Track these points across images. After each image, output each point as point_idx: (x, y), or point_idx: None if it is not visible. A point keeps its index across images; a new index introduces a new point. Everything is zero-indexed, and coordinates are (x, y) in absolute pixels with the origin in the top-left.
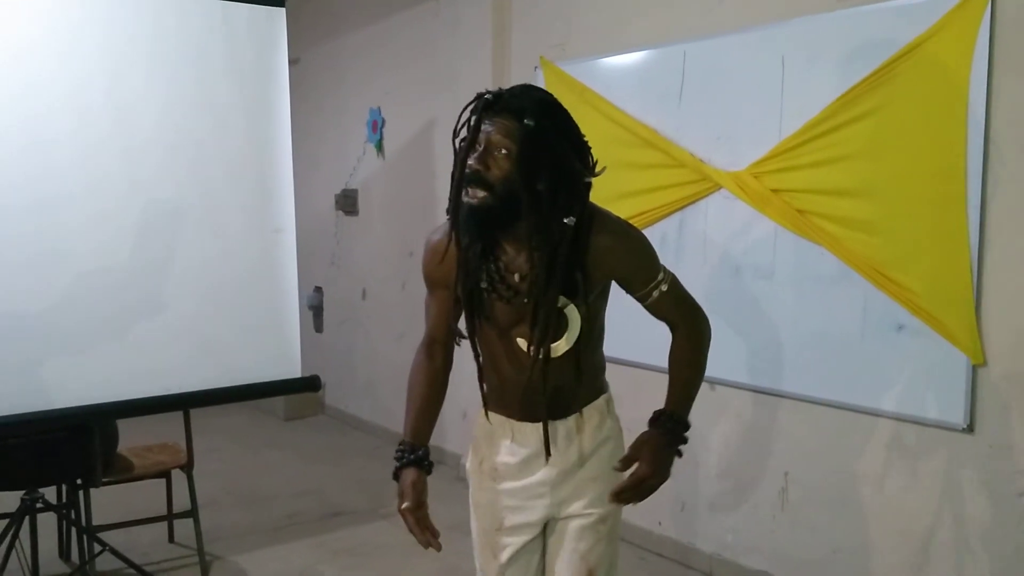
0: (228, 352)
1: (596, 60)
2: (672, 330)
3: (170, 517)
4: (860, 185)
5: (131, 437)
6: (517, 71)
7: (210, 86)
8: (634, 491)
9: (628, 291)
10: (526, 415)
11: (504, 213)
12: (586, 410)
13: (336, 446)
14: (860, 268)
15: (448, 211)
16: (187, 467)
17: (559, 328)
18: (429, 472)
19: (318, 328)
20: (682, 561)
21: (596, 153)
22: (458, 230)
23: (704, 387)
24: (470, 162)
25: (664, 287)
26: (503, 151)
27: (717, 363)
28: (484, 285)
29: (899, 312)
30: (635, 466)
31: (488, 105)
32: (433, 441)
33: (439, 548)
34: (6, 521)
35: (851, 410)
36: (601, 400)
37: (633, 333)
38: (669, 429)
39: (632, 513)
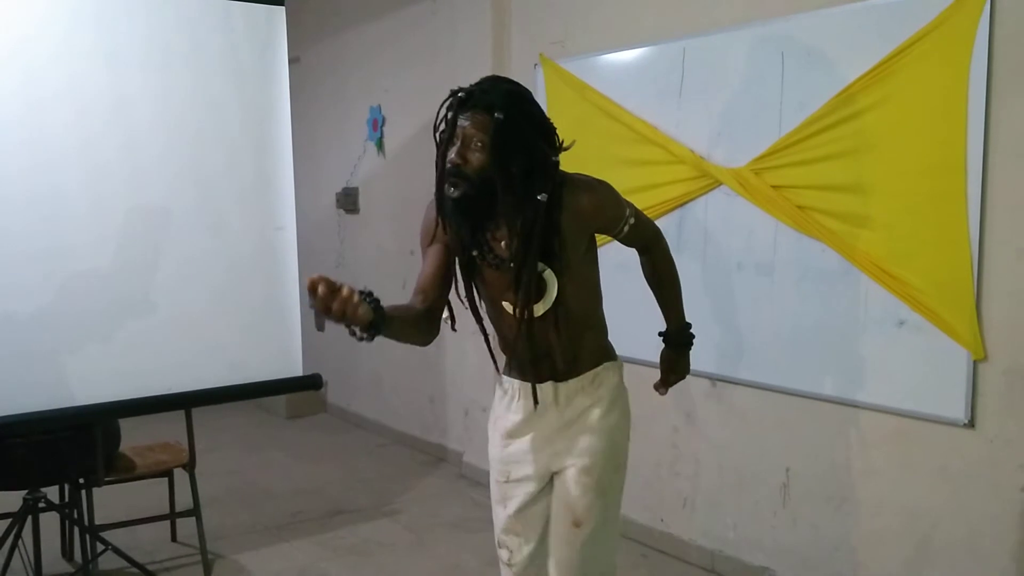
0: (230, 351)
1: (596, 57)
2: (641, 253)
3: (172, 516)
4: (860, 181)
5: (133, 436)
6: (517, 68)
7: (210, 85)
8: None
9: (604, 233)
10: (531, 375)
11: (484, 200)
12: (587, 374)
13: (338, 444)
14: (860, 264)
15: (435, 200)
16: (189, 466)
17: (539, 291)
18: (374, 314)
19: (319, 326)
20: (683, 558)
21: (596, 150)
22: (445, 219)
23: (705, 383)
24: (450, 156)
25: (632, 220)
26: (478, 143)
27: (718, 359)
28: (475, 254)
29: (900, 307)
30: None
31: (462, 102)
32: (436, 439)
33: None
34: (9, 521)
35: (852, 406)
36: (603, 367)
37: (633, 329)
38: (681, 343)
39: (634, 510)
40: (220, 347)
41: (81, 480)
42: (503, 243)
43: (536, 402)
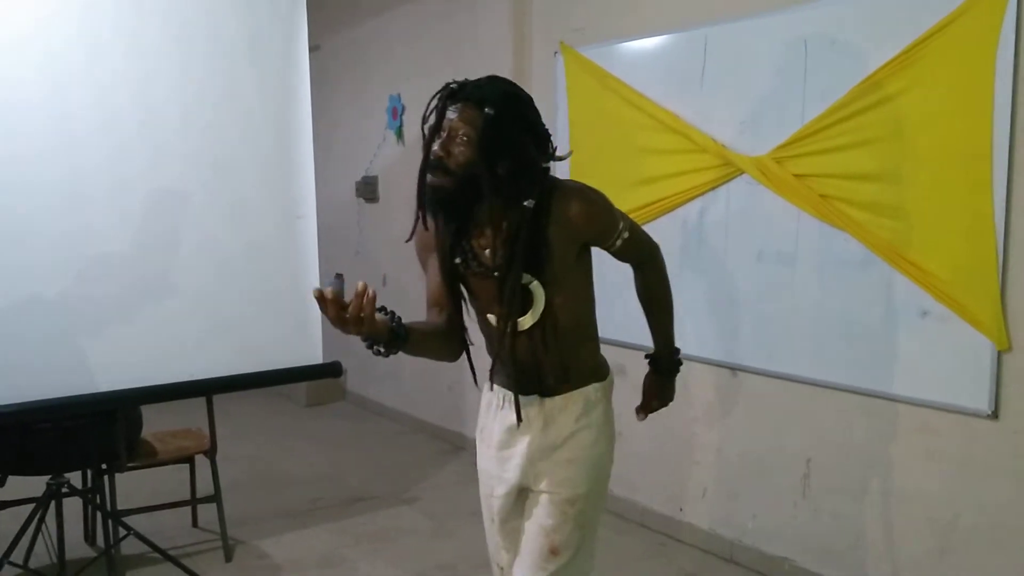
0: (250, 338)
1: (617, 44)
2: (634, 268)
3: (194, 502)
4: (884, 169)
5: (155, 423)
6: (537, 56)
7: (231, 71)
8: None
9: (596, 245)
10: (518, 386)
11: (465, 196)
12: (575, 393)
13: (357, 432)
14: (884, 253)
15: (417, 192)
16: (210, 452)
17: (524, 304)
18: (394, 325)
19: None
20: (703, 547)
21: (617, 139)
22: (424, 211)
23: (726, 373)
24: (434, 148)
25: (626, 234)
26: (464, 137)
27: (739, 349)
28: (458, 261)
29: (923, 298)
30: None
31: (452, 93)
32: (455, 427)
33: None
34: (32, 506)
35: (874, 396)
36: (592, 388)
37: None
38: (667, 368)
39: (653, 500)
40: (241, 334)
41: (104, 466)
42: (487, 251)
43: (520, 418)
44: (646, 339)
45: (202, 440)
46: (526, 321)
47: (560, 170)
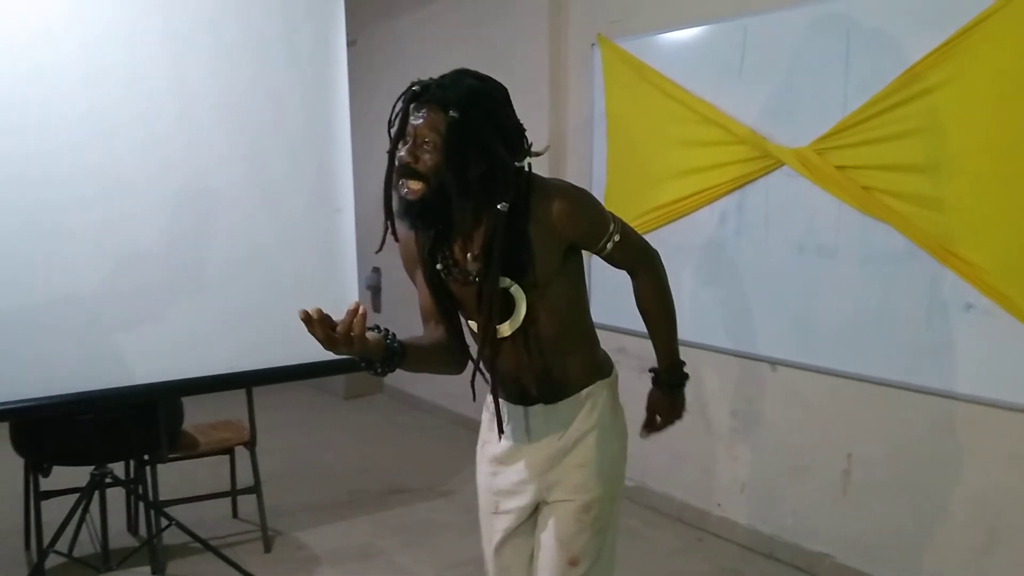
0: (290, 331)
1: (654, 36)
2: (631, 276)
3: (234, 493)
4: (928, 161)
5: (196, 414)
6: (574, 49)
7: (270, 68)
8: (656, 432)
9: (584, 249)
10: (517, 397)
11: (439, 202)
12: (576, 396)
13: (395, 425)
14: (927, 246)
15: (384, 201)
16: (250, 444)
17: (506, 310)
18: (389, 342)
19: (376, 308)
20: (741, 543)
21: (654, 131)
22: (392, 221)
23: (765, 367)
24: (400, 154)
25: (617, 237)
26: (429, 143)
27: (779, 343)
28: (439, 267)
29: (968, 291)
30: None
31: (415, 96)
32: None
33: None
34: (77, 495)
35: (917, 391)
36: (595, 387)
37: (692, 313)
38: (672, 384)
39: (691, 495)
40: (280, 327)
41: (146, 457)
42: (467, 256)
43: (501, 428)
44: (685, 332)
45: (242, 432)
46: (504, 329)
47: (597, 163)
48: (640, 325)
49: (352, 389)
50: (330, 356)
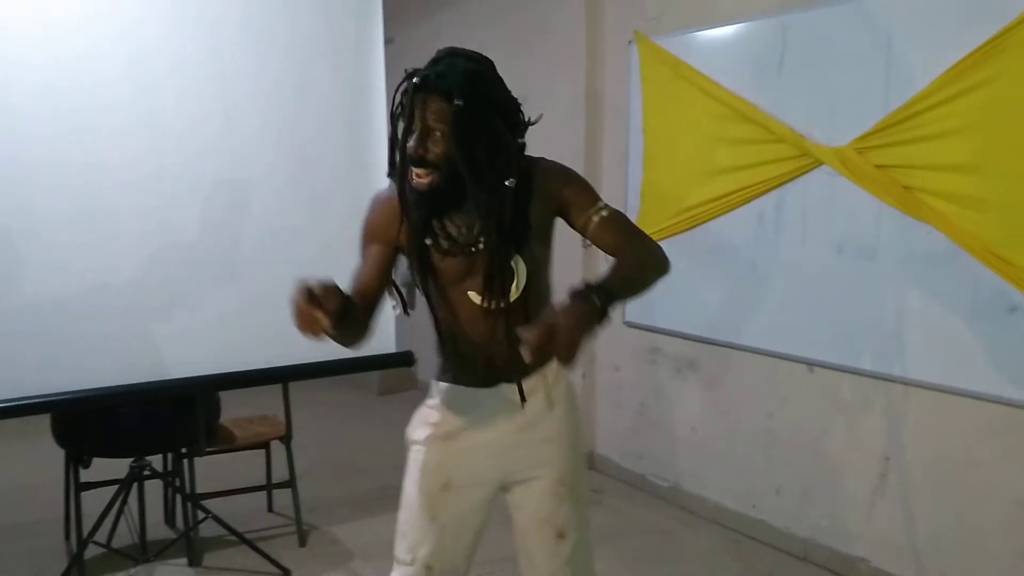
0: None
1: (692, 33)
2: (620, 258)
3: (269, 487)
4: (972, 160)
5: (232, 409)
6: (610, 46)
7: (307, 64)
8: (541, 336)
9: (572, 221)
10: (482, 379)
11: (452, 190)
12: (541, 375)
13: None
14: (970, 247)
15: (396, 186)
16: (286, 439)
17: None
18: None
19: (411, 305)
20: (775, 545)
21: (691, 129)
22: (408, 212)
23: (802, 368)
24: (410, 145)
25: (604, 212)
26: (438, 133)
27: (816, 344)
28: (428, 242)
29: (1011, 293)
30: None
31: (417, 88)
32: None
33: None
34: (116, 487)
35: (958, 394)
36: (554, 363)
37: (728, 313)
38: (586, 293)
39: (726, 496)
40: None
41: (183, 450)
42: (461, 228)
43: (493, 406)
44: (721, 333)
45: (278, 426)
46: (509, 296)
47: (633, 161)
48: (675, 324)
49: (386, 385)
50: (364, 352)
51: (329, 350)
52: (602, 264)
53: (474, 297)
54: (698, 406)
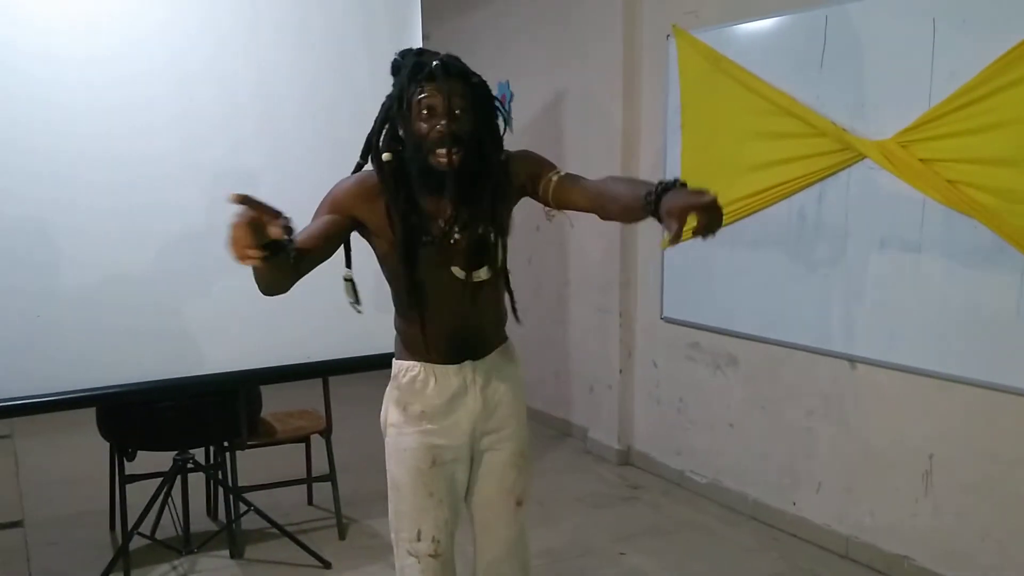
0: (365, 324)
1: (731, 27)
2: (594, 200)
3: (309, 480)
4: (1017, 154)
5: (274, 403)
6: (648, 40)
7: (346, 61)
8: (681, 220)
9: (535, 189)
10: (449, 356)
11: (475, 165)
12: (502, 348)
13: None
14: (1017, 241)
15: (383, 172)
16: (326, 433)
17: (482, 258)
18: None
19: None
20: (816, 542)
21: (731, 123)
22: (406, 196)
23: (844, 365)
24: (439, 126)
25: (562, 172)
26: (460, 111)
27: (859, 340)
28: (427, 239)
29: None
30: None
31: (441, 72)
32: (560, 414)
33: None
34: (160, 480)
35: (1004, 391)
36: (509, 342)
37: (768, 308)
38: (664, 184)
39: (766, 493)
40: (355, 320)
41: (226, 443)
42: (440, 221)
43: (464, 383)
44: (761, 328)
45: (318, 421)
46: (482, 274)
47: (672, 156)
48: (714, 320)
49: None
50: None
51: (368, 345)
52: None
53: (457, 272)
54: (738, 402)
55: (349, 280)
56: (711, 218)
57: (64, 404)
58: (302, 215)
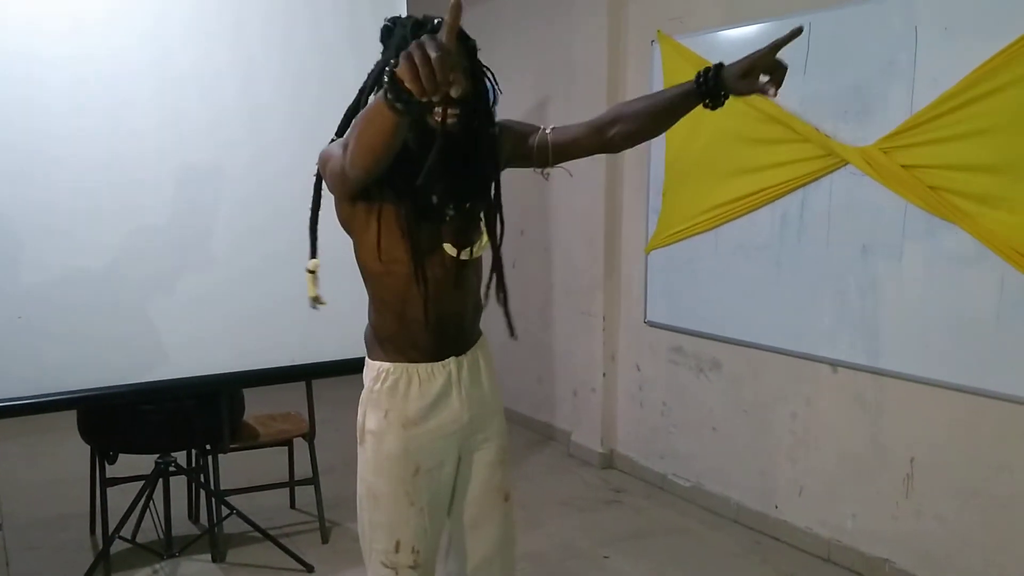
0: (349, 325)
1: (715, 33)
2: (602, 130)
3: (292, 484)
4: (1000, 160)
5: (256, 406)
6: (633, 45)
7: (332, 61)
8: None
9: (525, 150)
10: (432, 352)
11: (464, 135)
12: (478, 347)
13: None
14: (997, 248)
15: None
16: (309, 436)
17: (470, 236)
18: None
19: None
20: (798, 546)
21: (714, 129)
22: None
23: (826, 369)
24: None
25: (550, 127)
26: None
27: (840, 345)
28: (449, 216)
29: None
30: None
31: (435, 29)
32: (544, 418)
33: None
34: (141, 483)
35: (985, 396)
36: (484, 338)
37: (751, 313)
38: (717, 67)
39: (748, 496)
40: (340, 322)
41: (208, 447)
42: (434, 197)
43: (452, 381)
44: (744, 333)
45: (301, 424)
46: (476, 250)
47: (655, 160)
48: (697, 324)
49: None
50: None
51: (353, 349)
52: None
53: (450, 250)
54: (720, 406)
55: (312, 272)
56: (780, 70)
57: (45, 407)
58: (287, 217)
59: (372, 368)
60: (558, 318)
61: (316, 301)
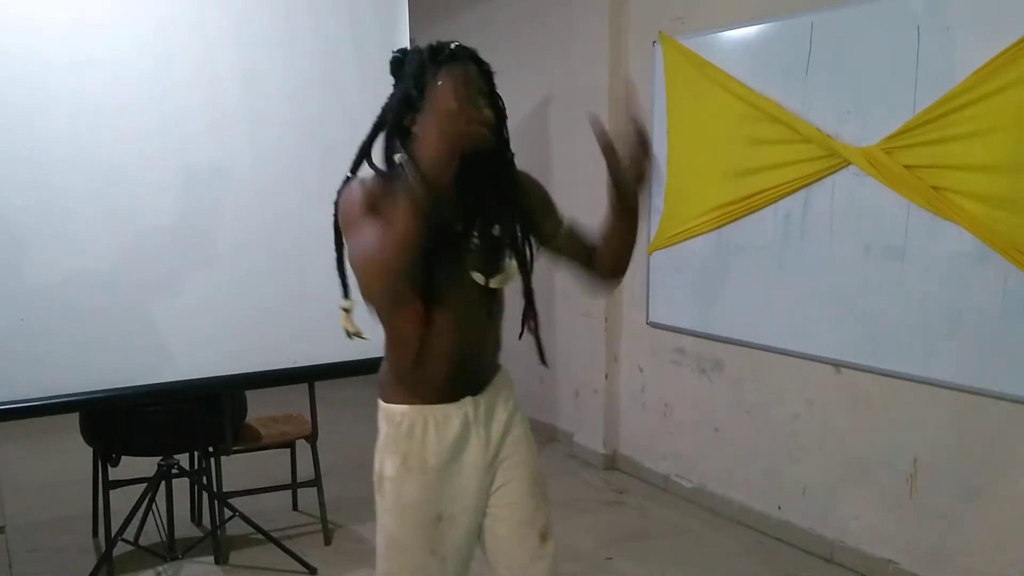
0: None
1: (717, 33)
2: (590, 248)
3: (294, 486)
4: (1003, 161)
5: (259, 408)
6: (634, 46)
7: (334, 66)
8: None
9: (541, 220)
10: (446, 392)
11: (486, 160)
12: (497, 381)
13: None
14: (1000, 248)
15: (387, 173)
16: (311, 438)
17: (495, 264)
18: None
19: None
20: (801, 546)
21: (717, 129)
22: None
23: (829, 369)
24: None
25: (566, 218)
26: (480, 95)
27: (844, 345)
28: (475, 241)
29: None
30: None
31: (460, 53)
32: (546, 419)
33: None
34: (144, 485)
35: (989, 396)
36: (503, 371)
37: (753, 313)
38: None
39: (751, 497)
40: (340, 323)
41: (210, 449)
42: (456, 224)
43: (474, 418)
44: (747, 333)
45: (303, 426)
46: (499, 281)
47: (658, 160)
48: (700, 325)
49: None
50: None
51: (355, 350)
52: None
53: (478, 278)
54: (723, 406)
55: (347, 311)
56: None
57: (47, 409)
58: (289, 220)
59: (388, 411)
60: (560, 319)
61: (357, 335)
